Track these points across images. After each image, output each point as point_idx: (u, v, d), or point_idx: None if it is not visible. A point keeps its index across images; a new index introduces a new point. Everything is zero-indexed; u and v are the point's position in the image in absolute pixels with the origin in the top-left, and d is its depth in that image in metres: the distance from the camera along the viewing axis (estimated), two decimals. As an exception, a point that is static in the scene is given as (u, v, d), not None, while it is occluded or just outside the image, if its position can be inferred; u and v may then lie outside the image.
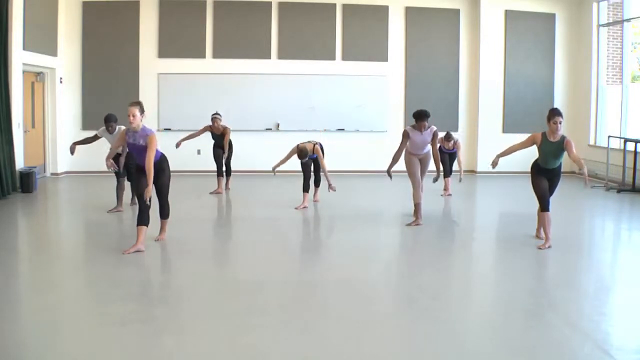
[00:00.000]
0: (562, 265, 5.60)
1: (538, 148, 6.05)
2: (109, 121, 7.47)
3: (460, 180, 9.32)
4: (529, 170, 6.37)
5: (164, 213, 6.07)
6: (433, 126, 7.08)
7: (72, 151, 7.83)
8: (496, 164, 6.19)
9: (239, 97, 11.70)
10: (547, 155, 6.00)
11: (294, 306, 4.35)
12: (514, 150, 6.17)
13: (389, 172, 7.20)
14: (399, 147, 7.10)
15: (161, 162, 5.95)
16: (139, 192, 5.76)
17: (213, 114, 9.20)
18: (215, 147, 9.42)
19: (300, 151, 7.83)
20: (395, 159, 7.13)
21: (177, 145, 9.07)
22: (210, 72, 11.66)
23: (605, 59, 11.63)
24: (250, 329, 3.88)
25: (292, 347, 3.63)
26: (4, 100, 8.88)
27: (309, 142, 8.21)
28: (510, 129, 12.12)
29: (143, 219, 5.70)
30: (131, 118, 5.55)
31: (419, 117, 6.99)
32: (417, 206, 7.10)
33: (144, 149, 5.59)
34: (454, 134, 9.22)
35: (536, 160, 6.25)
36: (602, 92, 11.71)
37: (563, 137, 5.93)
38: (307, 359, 3.50)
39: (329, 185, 7.90)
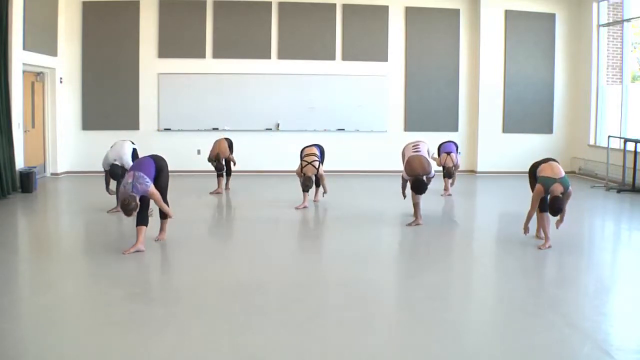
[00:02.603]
0: (562, 265, 5.60)
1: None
2: (117, 177, 7.47)
3: (451, 185, 9.45)
4: (528, 170, 6.39)
5: (164, 213, 6.07)
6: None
7: (112, 193, 7.69)
8: (528, 229, 6.18)
9: (239, 97, 11.69)
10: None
11: (293, 306, 4.35)
12: (534, 212, 6.04)
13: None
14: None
15: (159, 164, 5.97)
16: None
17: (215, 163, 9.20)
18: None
19: (307, 179, 7.95)
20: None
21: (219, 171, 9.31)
22: (210, 72, 11.65)
23: (605, 59, 11.62)
24: (250, 329, 3.88)
25: (292, 348, 3.64)
26: (4, 100, 8.88)
27: (308, 147, 8.39)
28: (510, 129, 12.14)
29: (142, 219, 5.72)
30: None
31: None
32: (416, 206, 7.10)
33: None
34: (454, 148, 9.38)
35: (535, 163, 6.27)
36: (602, 92, 11.70)
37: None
38: (307, 359, 3.50)
39: (324, 191, 8.39)
